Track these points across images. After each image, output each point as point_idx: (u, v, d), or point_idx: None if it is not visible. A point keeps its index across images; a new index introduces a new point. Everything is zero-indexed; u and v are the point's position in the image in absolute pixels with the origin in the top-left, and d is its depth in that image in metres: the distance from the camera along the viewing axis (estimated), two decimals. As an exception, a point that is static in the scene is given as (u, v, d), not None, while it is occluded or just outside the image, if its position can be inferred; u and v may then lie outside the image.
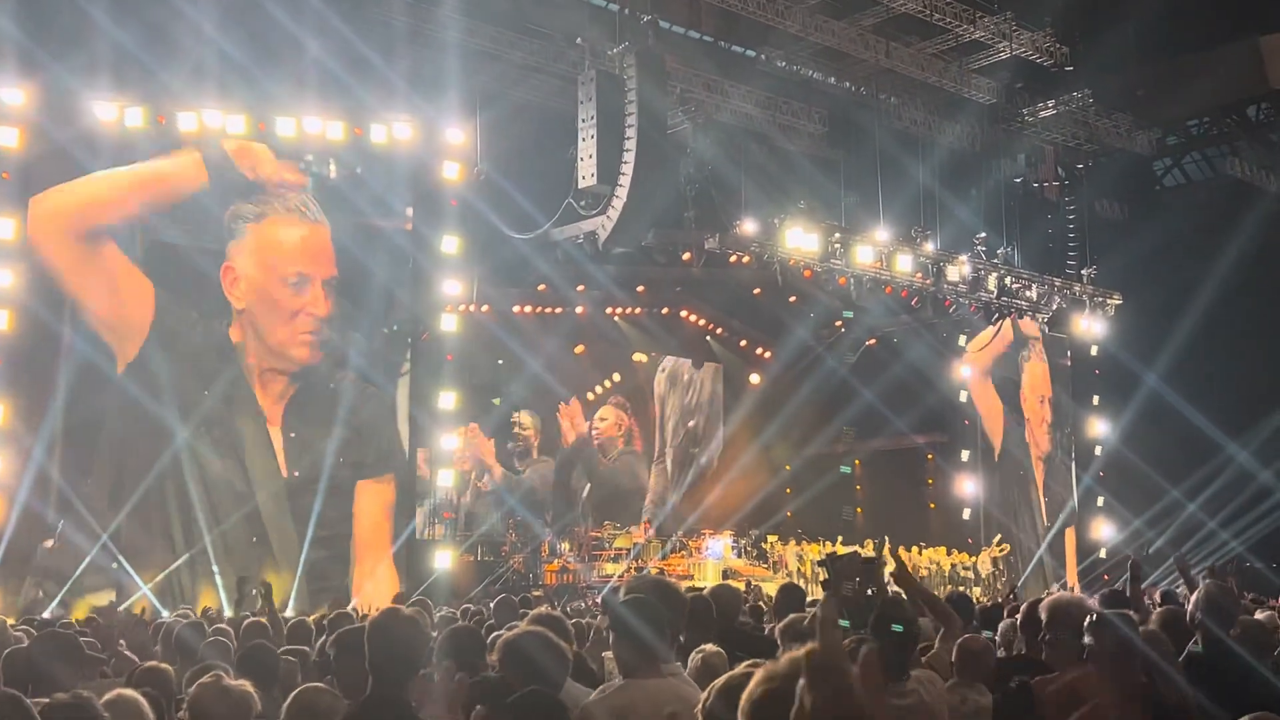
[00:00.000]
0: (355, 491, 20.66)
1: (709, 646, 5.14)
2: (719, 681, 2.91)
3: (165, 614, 14.68)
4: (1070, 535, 31.53)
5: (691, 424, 32.30)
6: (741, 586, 15.41)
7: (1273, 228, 29.78)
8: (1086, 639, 5.14)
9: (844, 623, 4.95)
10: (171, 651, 8.45)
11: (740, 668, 3.21)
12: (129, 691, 5.07)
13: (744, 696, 2.32)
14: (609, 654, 4.74)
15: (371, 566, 20.38)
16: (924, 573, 26.46)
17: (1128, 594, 8.66)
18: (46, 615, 15.58)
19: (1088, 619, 5.30)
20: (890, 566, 6.87)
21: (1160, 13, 27.15)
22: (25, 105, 18.99)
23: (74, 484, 19.12)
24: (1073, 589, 24.40)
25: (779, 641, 5.72)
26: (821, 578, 5.70)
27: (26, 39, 18.44)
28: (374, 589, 19.39)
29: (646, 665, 4.49)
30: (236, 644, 8.14)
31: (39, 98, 19.05)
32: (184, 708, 4.43)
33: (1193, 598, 6.75)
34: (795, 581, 25.20)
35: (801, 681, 2.23)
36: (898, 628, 5.14)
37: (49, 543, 18.96)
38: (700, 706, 3.11)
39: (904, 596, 6.75)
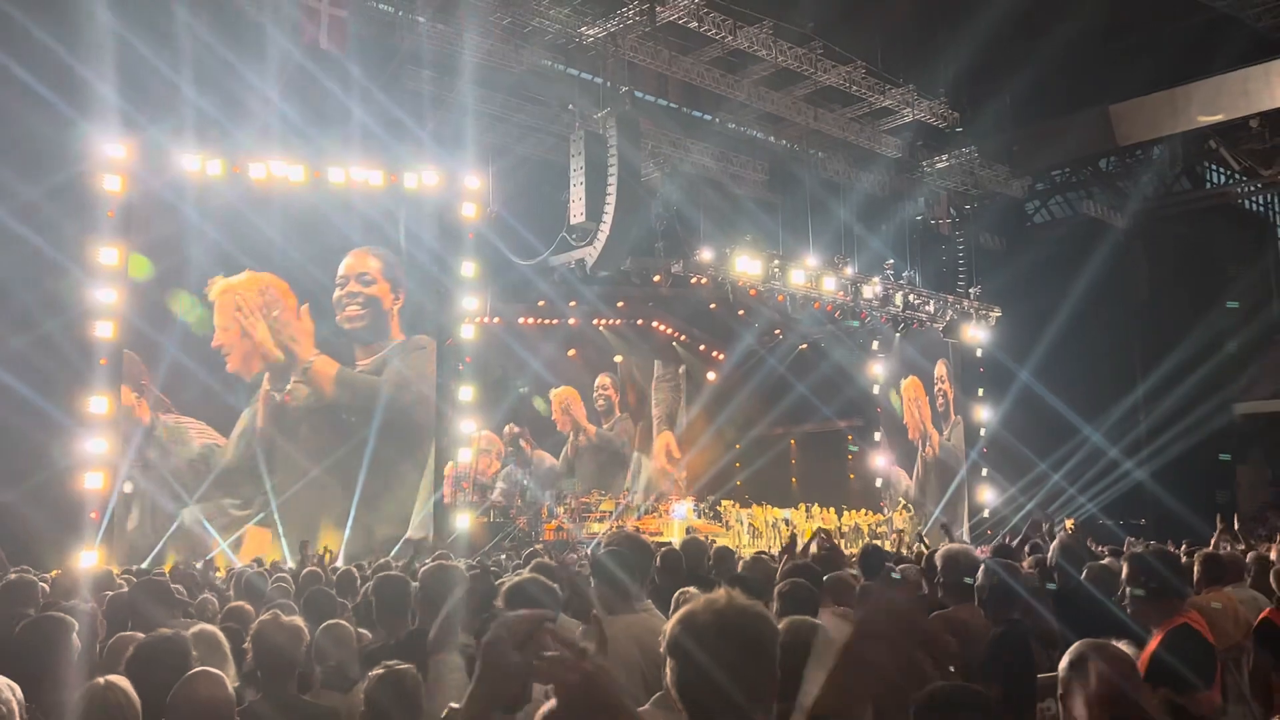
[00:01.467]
0: (394, 465, 20.60)
1: (691, 589, 5.14)
2: (676, 614, 2.91)
3: (239, 564, 14.58)
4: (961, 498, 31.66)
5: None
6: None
7: (1119, 255, 30.08)
8: (977, 581, 5.17)
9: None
10: (241, 593, 8.41)
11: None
12: (209, 627, 5.05)
13: (671, 624, 2.34)
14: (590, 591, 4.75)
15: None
16: (845, 528, 26.58)
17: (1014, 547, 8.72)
18: (144, 565, 15.47)
19: (981, 566, 5.34)
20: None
21: (1031, 85, 27.34)
22: (126, 158, 18.85)
23: (166, 462, 19.04)
24: (956, 533, 24.50)
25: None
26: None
27: (127, 105, 18.29)
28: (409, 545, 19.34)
29: (623, 603, 4.48)
30: (296, 587, 8.11)
31: (137, 152, 18.92)
32: (249, 638, 4.39)
33: (1051, 546, 6.80)
34: (743, 537, 25.30)
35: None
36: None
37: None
38: (663, 635, 3.09)
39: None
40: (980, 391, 32.16)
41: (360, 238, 20.74)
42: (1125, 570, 4.76)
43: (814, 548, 7.43)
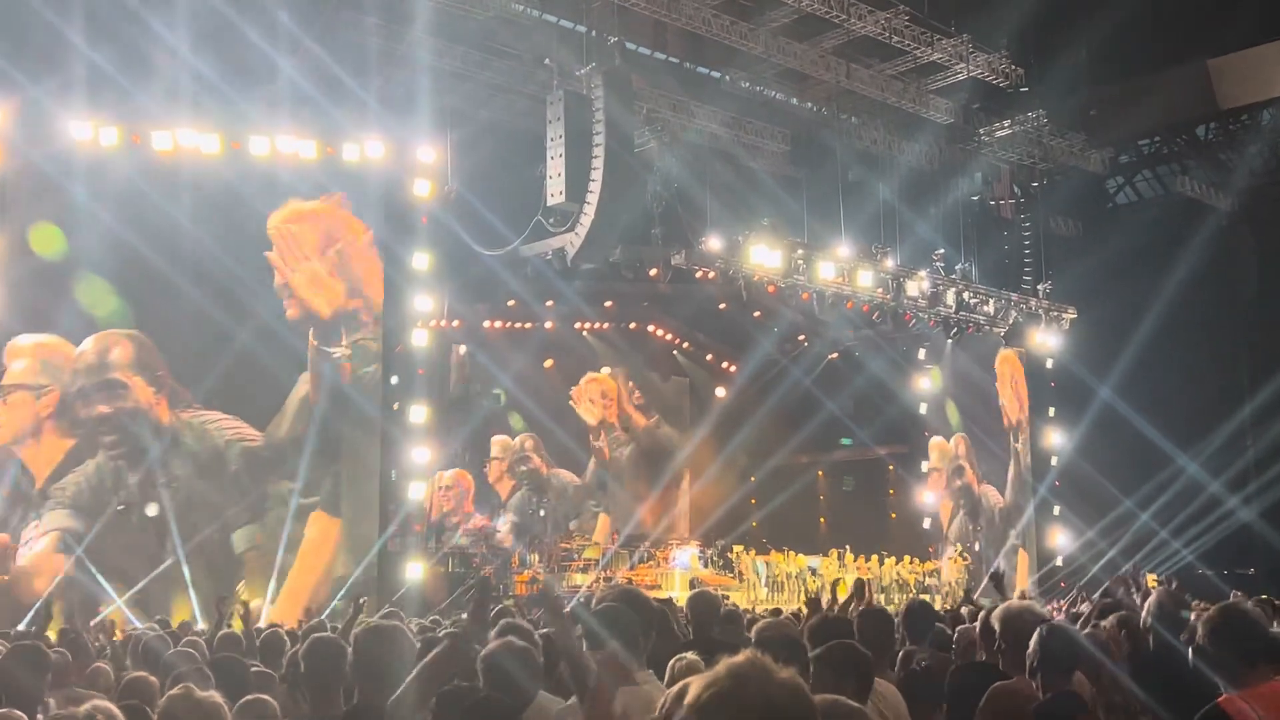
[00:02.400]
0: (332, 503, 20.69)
1: (690, 655, 5.15)
2: (674, 689, 2.92)
3: (139, 625, 14.55)
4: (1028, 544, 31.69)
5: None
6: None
7: (1222, 244, 30.13)
8: (1029, 646, 5.20)
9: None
10: (139, 662, 8.40)
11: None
12: (103, 702, 5.05)
13: (687, 701, 2.30)
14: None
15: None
16: (886, 580, 26.61)
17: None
18: (20, 628, 15.41)
19: (1038, 629, 5.35)
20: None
21: (1112, 35, 27.38)
22: (0, 124, 18.86)
23: (52, 497, 18.99)
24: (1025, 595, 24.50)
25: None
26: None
27: (1, 59, 18.31)
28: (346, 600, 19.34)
29: (618, 674, 4.50)
30: (209, 655, 8.09)
31: (14, 117, 18.92)
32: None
33: (1145, 604, 6.82)
34: (760, 591, 25.32)
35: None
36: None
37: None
38: (659, 710, 3.09)
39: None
40: (1051, 411, 32.20)
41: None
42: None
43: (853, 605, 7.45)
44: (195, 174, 19.98)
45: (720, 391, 32.26)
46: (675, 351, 32.53)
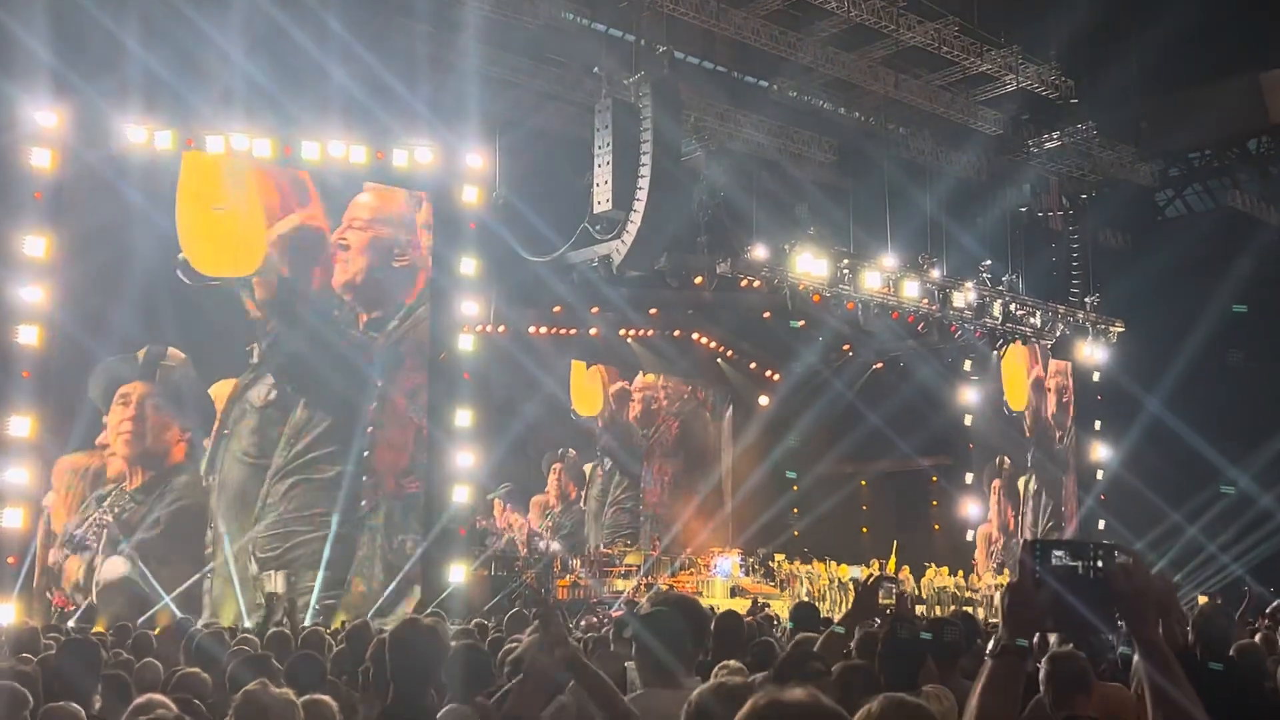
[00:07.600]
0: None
1: (732, 662, 5.15)
2: (695, 694, 2.97)
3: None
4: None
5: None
6: (748, 604, 15.29)
7: (1272, 258, 29.78)
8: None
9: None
10: (193, 660, 8.48)
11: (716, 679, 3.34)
12: (158, 696, 5.12)
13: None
14: (631, 664, 4.80)
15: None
16: (925, 592, 26.47)
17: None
18: (71, 624, 15.62)
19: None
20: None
21: (1163, 48, 27.16)
22: (58, 128, 19.09)
23: (99, 496, 19.22)
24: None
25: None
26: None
27: (59, 63, 18.53)
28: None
29: (661, 677, 4.51)
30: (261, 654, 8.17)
31: (71, 120, 19.16)
32: (231, 714, 4.37)
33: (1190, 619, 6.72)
34: (804, 600, 25.24)
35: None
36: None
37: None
38: (684, 711, 3.11)
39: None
40: (1098, 424, 31.93)
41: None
42: None
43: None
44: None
45: (763, 400, 32.22)
46: (719, 359, 32.51)
